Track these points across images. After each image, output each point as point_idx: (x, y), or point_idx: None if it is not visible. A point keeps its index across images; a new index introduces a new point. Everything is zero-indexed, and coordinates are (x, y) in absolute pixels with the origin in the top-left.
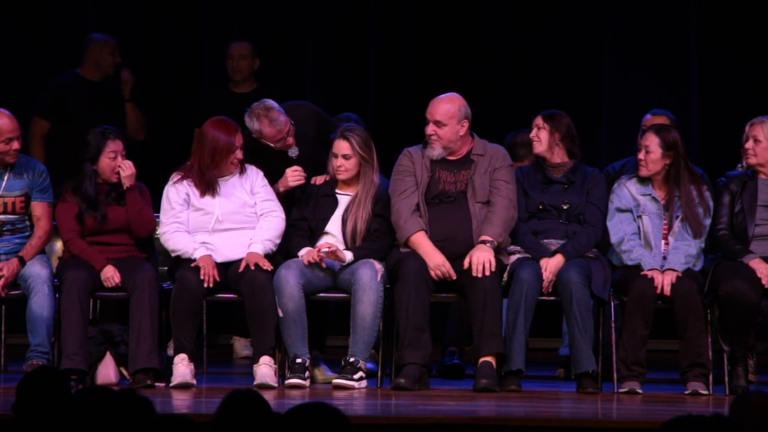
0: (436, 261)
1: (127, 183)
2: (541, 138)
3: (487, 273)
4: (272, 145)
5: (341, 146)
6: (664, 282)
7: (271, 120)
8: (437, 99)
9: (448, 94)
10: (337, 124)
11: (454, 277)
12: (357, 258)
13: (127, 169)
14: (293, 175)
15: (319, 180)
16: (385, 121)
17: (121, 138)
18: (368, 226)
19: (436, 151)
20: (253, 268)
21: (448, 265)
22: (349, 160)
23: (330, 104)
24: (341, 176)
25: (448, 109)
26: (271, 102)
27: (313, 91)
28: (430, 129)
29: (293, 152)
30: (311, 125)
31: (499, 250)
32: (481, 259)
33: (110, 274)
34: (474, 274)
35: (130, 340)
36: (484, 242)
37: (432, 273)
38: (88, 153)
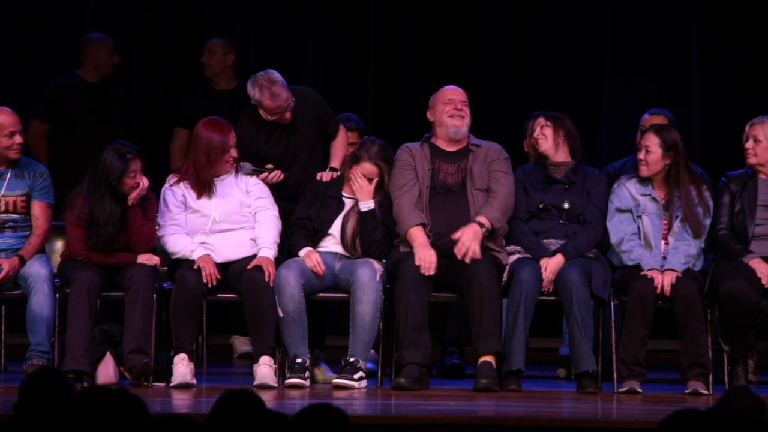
0: (421, 254)
1: (131, 201)
2: (546, 135)
3: (467, 260)
4: (269, 117)
5: (370, 170)
6: (664, 282)
7: (272, 94)
8: (454, 87)
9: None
10: (337, 120)
11: (431, 272)
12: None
13: (140, 189)
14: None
15: (325, 177)
16: (385, 121)
17: (140, 156)
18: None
19: (463, 129)
20: (267, 274)
21: (433, 263)
22: (370, 183)
23: (330, 104)
24: (358, 194)
25: (465, 95)
26: (276, 75)
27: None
28: (459, 105)
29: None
30: (313, 110)
31: (494, 235)
32: (467, 243)
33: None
34: (456, 251)
35: (123, 337)
36: (480, 224)
37: (416, 261)
38: (110, 175)
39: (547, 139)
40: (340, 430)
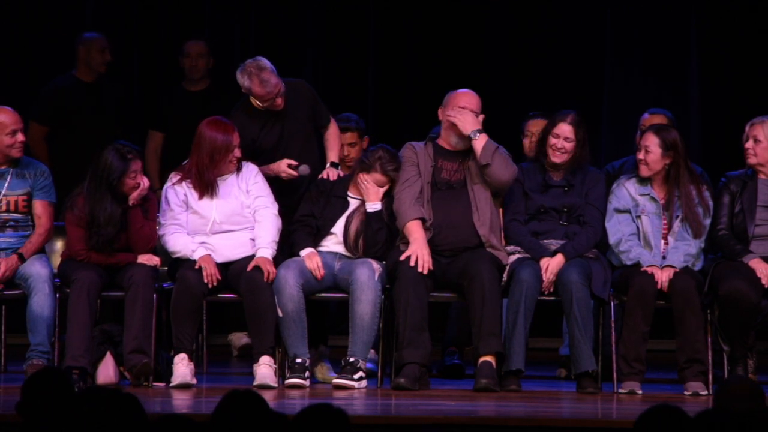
0: (416, 250)
1: (132, 201)
2: (568, 149)
3: (451, 117)
4: (260, 104)
5: (380, 180)
6: (662, 278)
7: (262, 80)
8: (469, 92)
9: (468, 89)
10: (327, 110)
11: (425, 271)
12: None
13: (141, 189)
14: (287, 173)
15: (332, 175)
16: (385, 121)
17: (140, 156)
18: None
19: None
20: (266, 273)
21: (426, 257)
22: (381, 192)
23: (330, 104)
24: (365, 194)
25: (481, 102)
26: (264, 61)
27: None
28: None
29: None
30: (304, 99)
31: (482, 160)
32: (465, 114)
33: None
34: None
35: (123, 337)
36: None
37: (404, 256)
38: (110, 176)
39: (567, 153)
40: (340, 430)
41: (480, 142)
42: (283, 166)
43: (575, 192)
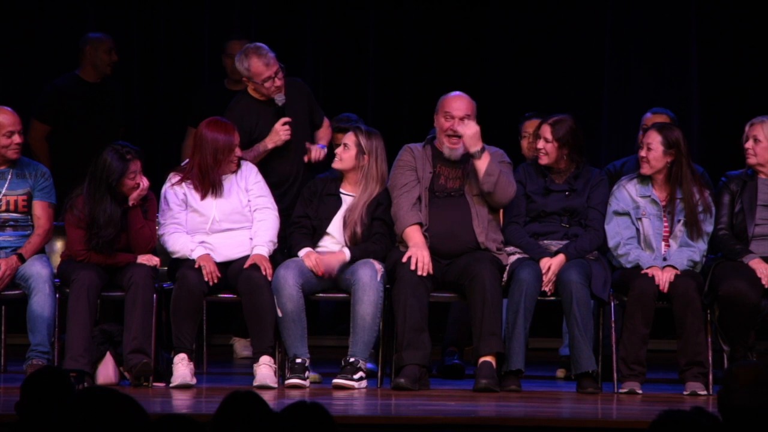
0: (415, 253)
1: (132, 202)
2: (548, 151)
3: (457, 128)
4: (259, 83)
5: (346, 136)
6: (663, 279)
7: (259, 54)
8: (459, 96)
9: (459, 92)
10: (323, 113)
11: (423, 273)
12: (354, 258)
13: (140, 189)
14: (284, 130)
15: (314, 153)
16: (385, 121)
17: (140, 156)
18: (365, 230)
19: (458, 151)
20: (263, 269)
21: (427, 258)
22: (346, 151)
23: (330, 104)
24: (335, 164)
25: (473, 105)
26: (261, 43)
27: (313, 90)
28: (457, 124)
29: (280, 99)
30: (302, 96)
31: (478, 176)
32: (468, 126)
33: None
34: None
35: (123, 337)
36: (484, 151)
37: (404, 258)
38: (109, 177)
39: (549, 155)
40: (321, 424)
41: (483, 163)
42: (278, 126)
43: (577, 195)
